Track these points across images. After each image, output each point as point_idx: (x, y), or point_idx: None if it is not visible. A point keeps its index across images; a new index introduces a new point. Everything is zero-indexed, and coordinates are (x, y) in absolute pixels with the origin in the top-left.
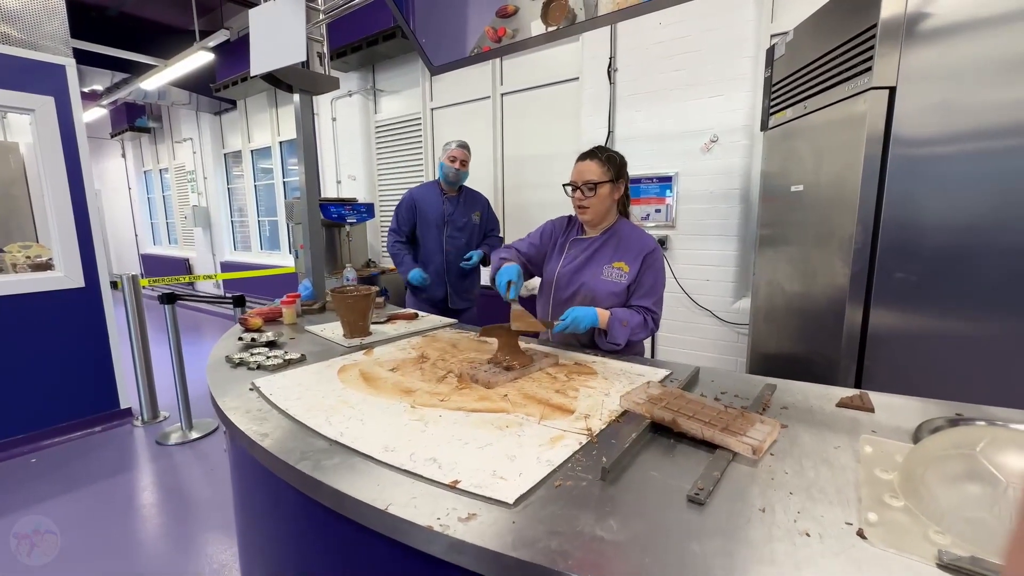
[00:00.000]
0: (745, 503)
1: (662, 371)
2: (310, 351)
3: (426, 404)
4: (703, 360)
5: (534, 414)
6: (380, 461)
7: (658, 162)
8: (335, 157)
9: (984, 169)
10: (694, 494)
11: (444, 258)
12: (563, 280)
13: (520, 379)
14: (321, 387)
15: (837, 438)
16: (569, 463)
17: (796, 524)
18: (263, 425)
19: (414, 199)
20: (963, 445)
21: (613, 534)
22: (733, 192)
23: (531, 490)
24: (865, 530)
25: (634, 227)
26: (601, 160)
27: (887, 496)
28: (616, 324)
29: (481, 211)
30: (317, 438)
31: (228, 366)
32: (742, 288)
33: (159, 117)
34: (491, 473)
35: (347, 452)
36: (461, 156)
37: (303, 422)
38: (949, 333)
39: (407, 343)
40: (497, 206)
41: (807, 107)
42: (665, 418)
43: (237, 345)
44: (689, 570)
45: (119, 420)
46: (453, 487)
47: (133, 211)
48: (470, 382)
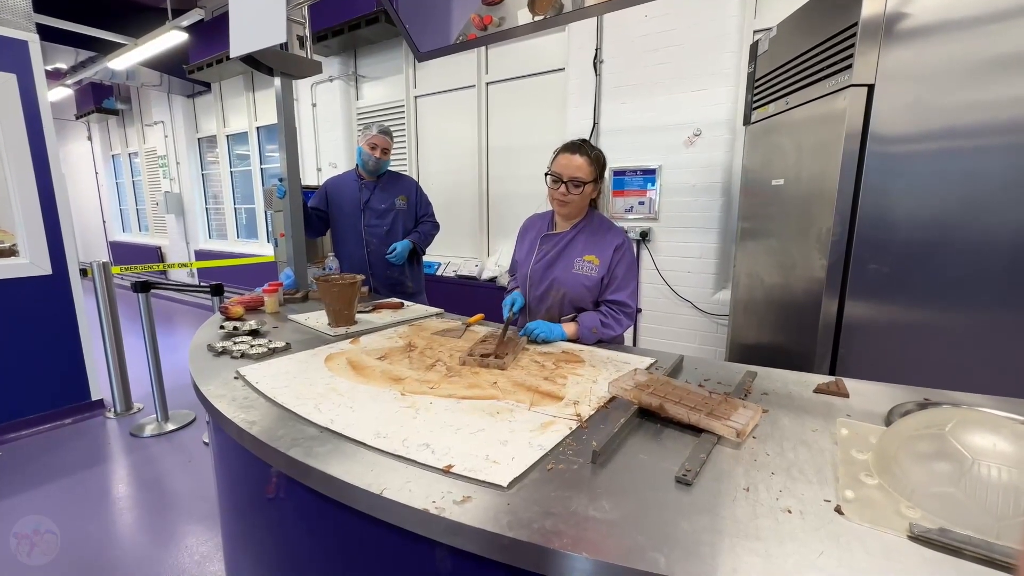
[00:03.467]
0: (730, 483)
1: (648, 359)
2: (294, 340)
3: (416, 391)
4: (683, 350)
5: (524, 401)
6: (373, 447)
7: (642, 155)
8: (315, 144)
9: (953, 167)
10: (682, 475)
11: (365, 249)
12: (535, 276)
13: (508, 368)
14: (308, 375)
15: (815, 421)
16: (560, 447)
17: (778, 502)
18: (250, 413)
19: (327, 189)
20: (933, 425)
21: (605, 513)
22: (715, 185)
23: (524, 473)
24: (842, 506)
25: (603, 219)
26: (590, 158)
27: (862, 475)
28: (585, 333)
29: (408, 195)
30: (307, 425)
31: (210, 355)
32: (722, 280)
33: (128, 99)
34: (484, 458)
35: (338, 439)
36: (382, 144)
37: (292, 409)
38: (918, 323)
39: (394, 332)
40: (481, 197)
41: (788, 103)
42: (652, 404)
43: (219, 334)
44: (680, 546)
45: (90, 412)
46: (447, 471)
47: (101, 196)
48: (476, 364)
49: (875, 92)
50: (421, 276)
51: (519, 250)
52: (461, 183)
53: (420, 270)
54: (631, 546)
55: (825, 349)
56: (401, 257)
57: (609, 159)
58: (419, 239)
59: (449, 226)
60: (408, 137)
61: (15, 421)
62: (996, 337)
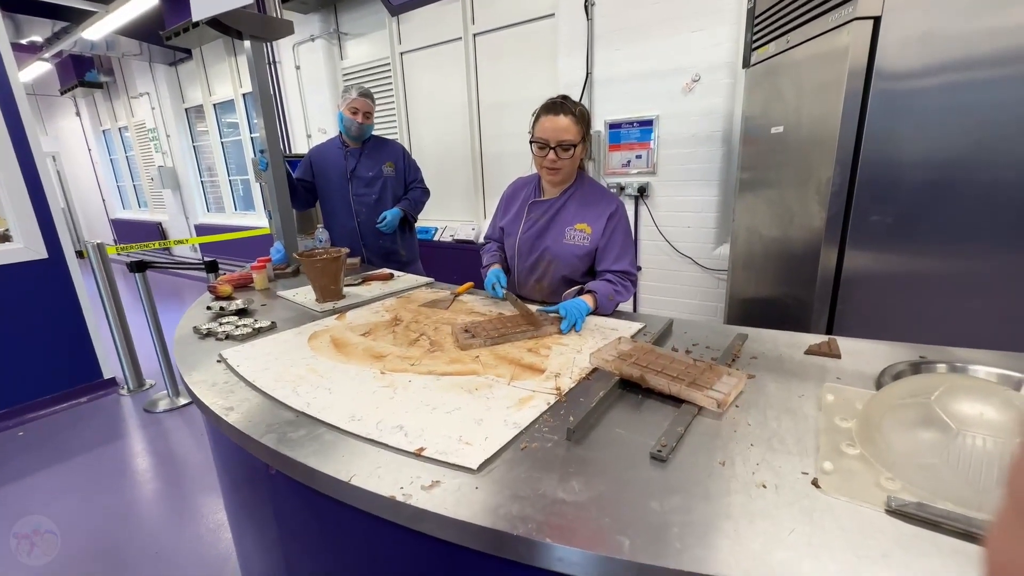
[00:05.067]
0: (707, 457)
1: (636, 325)
2: (282, 317)
3: (396, 369)
4: (684, 308)
5: (504, 375)
6: (346, 431)
7: (639, 105)
8: (303, 109)
9: (967, 101)
10: (657, 451)
11: (355, 220)
12: (524, 247)
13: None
14: (290, 356)
15: (803, 386)
16: (536, 424)
17: (754, 476)
18: (229, 399)
19: (311, 159)
20: (919, 393)
21: (575, 495)
22: (715, 134)
23: (496, 454)
24: (820, 479)
25: (594, 184)
26: (575, 116)
27: (844, 444)
28: (604, 302)
29: (395, 161)
30: (284, 409)
31: (196, 337)
32: (723, 234)
33: (110, 71)
34: (457, 439)
35: (313, 423)
36: (364, 107)
37: (270, 394)
38: (920, 274)
39: (381, 305)
40: (474, 157)
41: (789, 41)
42: (633, 374)
43: (206, 315)
44: (648, 528)
45: (104, 390)
46: (418, 455)
47: (96, 173)
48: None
49: (881, 24)
50: (415, 244)
51: (503, 217)
52: (453, 144)
53: (413, 238)
54: (596, 529)
55: (823, 304)
56: (391, 226)
57: (604, 111)
58: (409, 206)
59: (443, 189)
60: (396, 97)
61: (33, 402)
62: (1004, 286)
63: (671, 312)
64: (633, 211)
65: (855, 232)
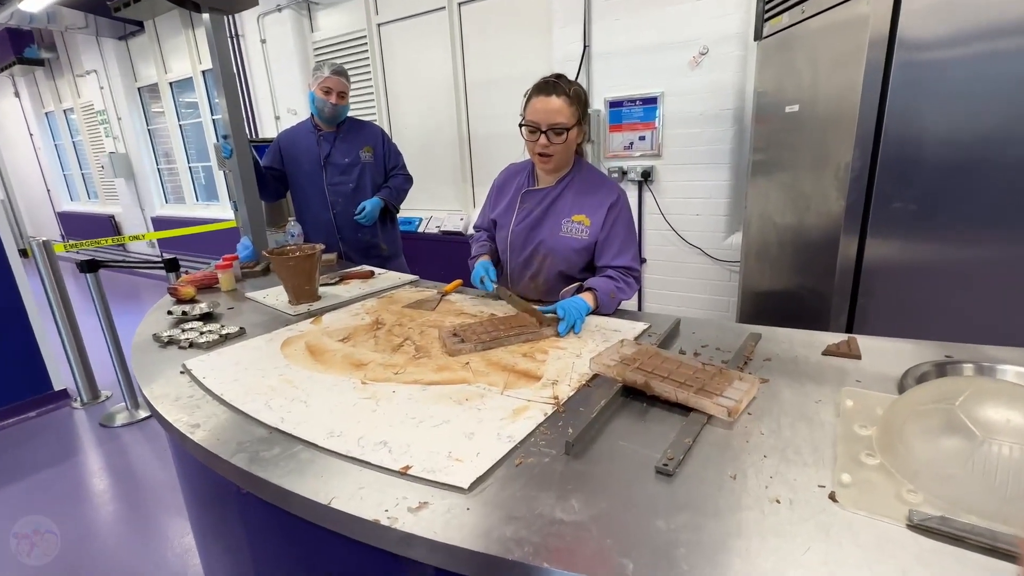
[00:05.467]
0: (717, 470)
1: (640, 325)
2: (251, 322)
3: (378, 379)
4: (692, 303)
5: (497, 383)
6: (324, 448)
7: (641, 81)
8: (270, 88)
9: (997, 72)
10: (663, 465)
11: (331, 211)
12: (518, 240)
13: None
14: (262, 365)
15: (820, 391)
16: (532, 437)
17: (767, 490)
18: (195, 414)
19: (280, 144)
20: (943, 398)
21: (574, 515)
22: (725, 113)
23: (489, 471)
24: (837, 492)
25: (593, 171)
26: (570, 96)
27: (863, 454)
28: (605, 301)
29: (374, 145)
30: (256, 426)
31: (157, 346)
32: (735, 222)
33: (52, 46)
34: (446, 455)
35: (289, 440)
36: (338, 87)
37: (240, 408)
38: (947, 263)
39: (361, 307)
40: (461, 140)
41: (805, 11)
42: (637, 381)
43: (167, 320)
44: (652, 549)
45: (55, 403)
46: (404, 473)
47: (40, 161)
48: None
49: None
50: (397, 237)
51: (493, 207)
52: (438, 125)
53: (395, 230)
54: (597, 552)
55: (843, 298)
56: (371, 217)
57: (604, 88)
58: (390, 195)
59: (427, 176)
60: (374, 74)
61: None
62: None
63: (678, 309)
64: (636, 198)
65: (877, 219)
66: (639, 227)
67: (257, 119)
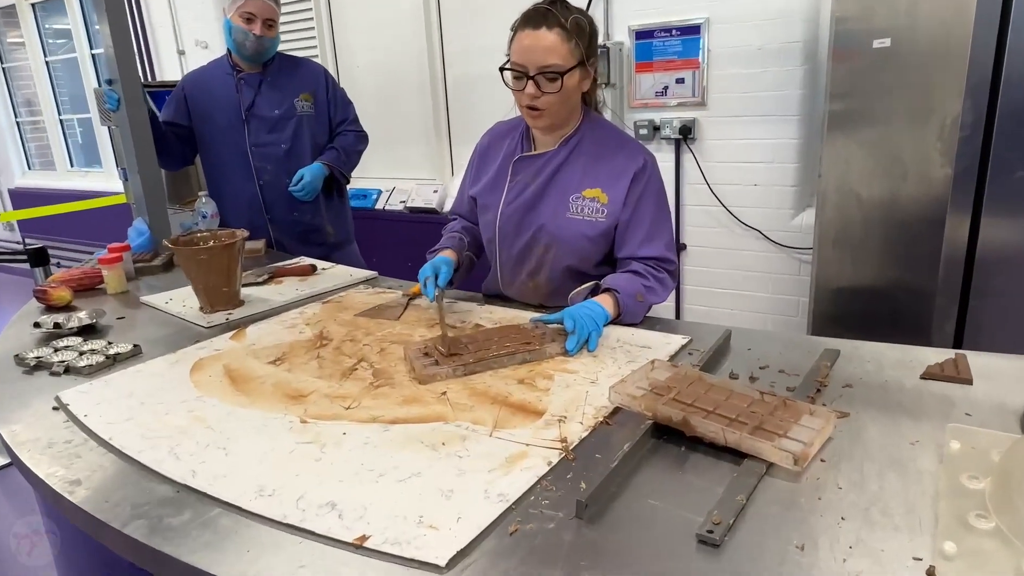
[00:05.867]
0: (778, 538)
1: (677, 339)
2: (149, 338)
3: (324, 416)
4: (748, 306)
5: (485, 421)
6: (252, 512)
7: (679, 3)
8: (172, 13)
9: None
10: (707, 532)
11: (257, 182)
12: (509, 226)
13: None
14: (165, 397)
15: (918, 428)
16: (532, 495)
17: (845, 565)
18: (74, 466)
19: (185, 91)
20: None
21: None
22: (792, 47)
23: (474, 542)
24: (938, 567)
25: (609, 127)
26: (567, 30)
27: (972, 515)
28: (630, 305)
29: (314, 91)
30: (158, 481)
31: (20, 371)
32: (806, 196)
33: None
34: (416, 521)
35: (203, 501)
36: (264, 12)
37: (135, 457)
38: None
39: (299, 315)
40: (435, 84)
41: None
42: (673, 418)
43: (33, 336)
44: None
45: None
46: (359, 546)
47: None
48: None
49: None
50: (347, 216)
51: (475, 180)
52: (402, 65)
53: (345, 207)
54: None
55: (949, 300)
56: (312, 190)
57: (629, 13)
58: (337, 160)
59: (388, 133)
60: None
61: None
62: None
63: (729, 315)
64: (673, 163)
65: (994, 192)
66: (675, 204)
67: (155, 55)
